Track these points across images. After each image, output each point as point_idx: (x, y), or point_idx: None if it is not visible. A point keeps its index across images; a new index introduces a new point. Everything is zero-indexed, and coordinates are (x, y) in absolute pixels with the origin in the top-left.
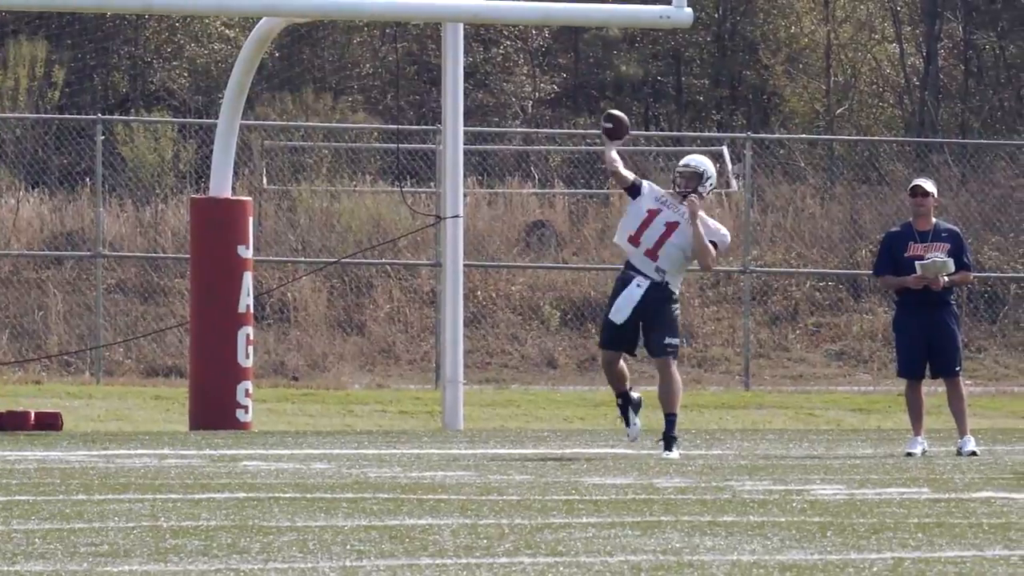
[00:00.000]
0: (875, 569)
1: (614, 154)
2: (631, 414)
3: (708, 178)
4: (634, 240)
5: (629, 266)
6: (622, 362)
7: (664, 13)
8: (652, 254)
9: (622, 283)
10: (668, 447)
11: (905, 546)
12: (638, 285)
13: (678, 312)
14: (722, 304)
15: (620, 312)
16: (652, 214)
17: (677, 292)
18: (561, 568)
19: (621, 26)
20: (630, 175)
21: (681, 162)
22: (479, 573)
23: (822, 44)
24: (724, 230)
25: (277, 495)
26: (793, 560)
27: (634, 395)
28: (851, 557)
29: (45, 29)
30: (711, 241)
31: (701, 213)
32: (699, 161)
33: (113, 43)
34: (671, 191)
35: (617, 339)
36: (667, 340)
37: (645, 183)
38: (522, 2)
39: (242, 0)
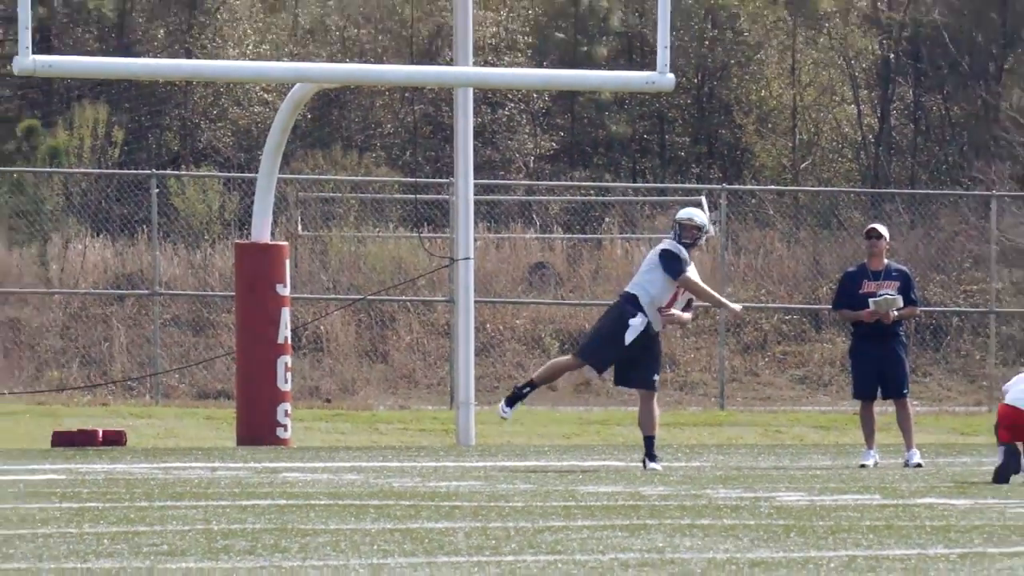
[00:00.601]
0: (832, 565)
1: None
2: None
3: (706, 230)
4: (663, 306)
5: (634, 303)
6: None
7: (650, 79)
8: (663, 310)
9: (621, 314)
10: (652, 460)
11: (858, 545)
12: (640, 321)
13: (662, 349)
14: (700, 335)
15: (629, 336)
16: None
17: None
18: (559, 565)
19: (612, 90)
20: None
21: (683, 214)
22: (488, 570)
23: (789, 106)
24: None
25: (313, 502)
26: (761, 557)
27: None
28: (811, 555)
29: (106, 94)
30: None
31: (692, 278)
32: (699, 216)
33: (165, 106)
34: (671, 237)
35: (610, 359)
36: (654, 376)
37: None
38: (525, 70)
39: (279, 68)
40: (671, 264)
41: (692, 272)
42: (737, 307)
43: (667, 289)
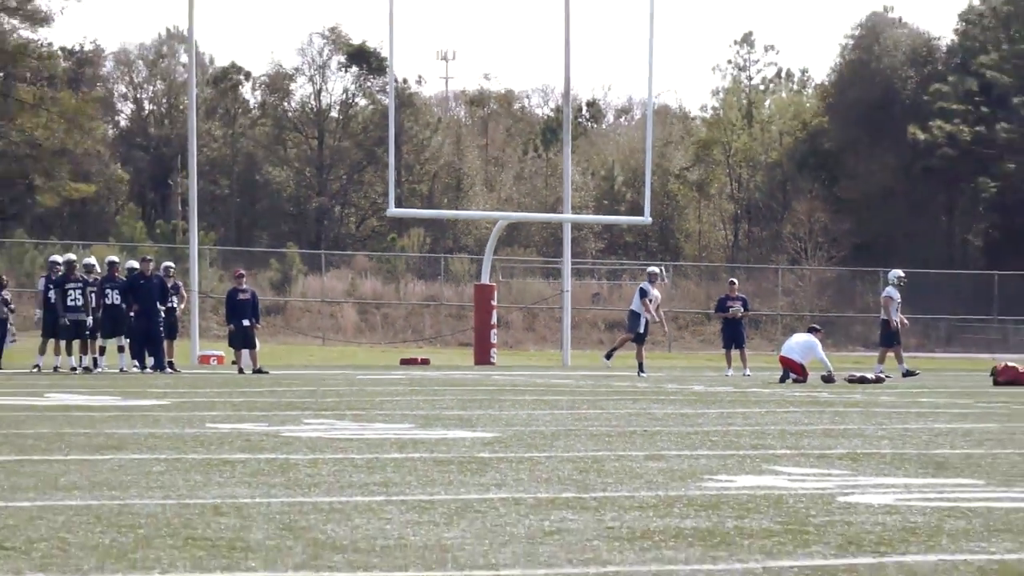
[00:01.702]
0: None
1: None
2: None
3: (660, 277)
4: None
5: (636, 309)
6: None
7: (636, 220)
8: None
9: (635, 315)
10: (642, 372)
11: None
12: (643, 318)
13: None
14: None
15: (641, 324)
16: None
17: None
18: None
19: (609, 223)
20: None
21: (650, 269)
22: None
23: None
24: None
25: (512, 387)
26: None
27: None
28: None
29: None
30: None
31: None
32: (656, 270)
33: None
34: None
35: (637, 332)
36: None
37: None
38: (546, 214)
39: (490, 213)
40: (642, 292)
41: (654, 297)
42: (654, 318)
43: (642, 305)
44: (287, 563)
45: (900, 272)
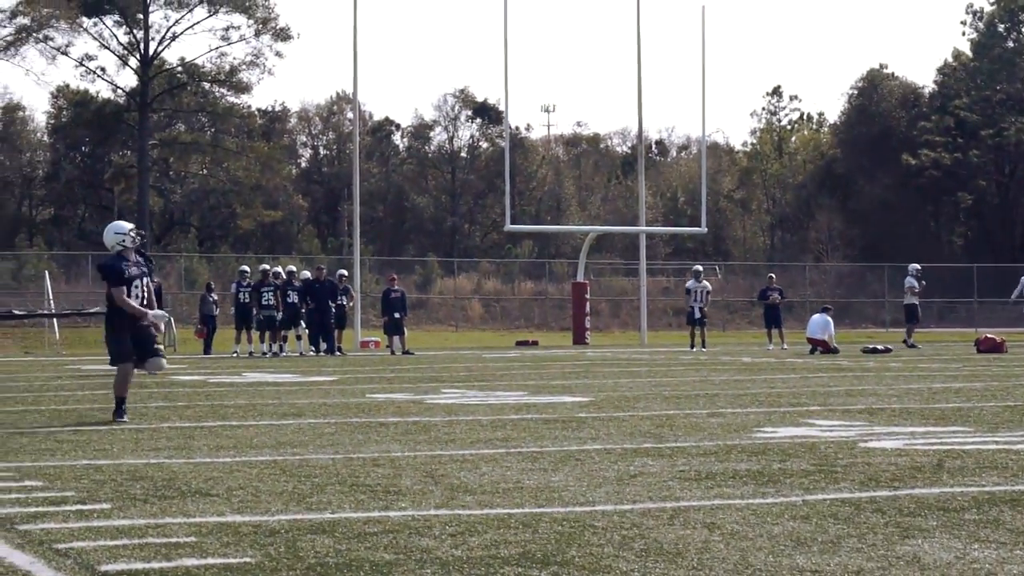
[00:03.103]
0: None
1: None
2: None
3: (701, 272)
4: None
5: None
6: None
7: (695, 230)
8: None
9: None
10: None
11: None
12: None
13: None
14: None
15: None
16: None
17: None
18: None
19: (674, 233)
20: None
21: (693, 268)
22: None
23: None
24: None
25: (604, 360)
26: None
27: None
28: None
29: None
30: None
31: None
32: (698, 267)
33: None
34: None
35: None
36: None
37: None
38: (625, 227)
39: (583, 227)
40: (686, 290)
41: (695, 288)
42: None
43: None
44: (430, 503)
45: (917, 265)
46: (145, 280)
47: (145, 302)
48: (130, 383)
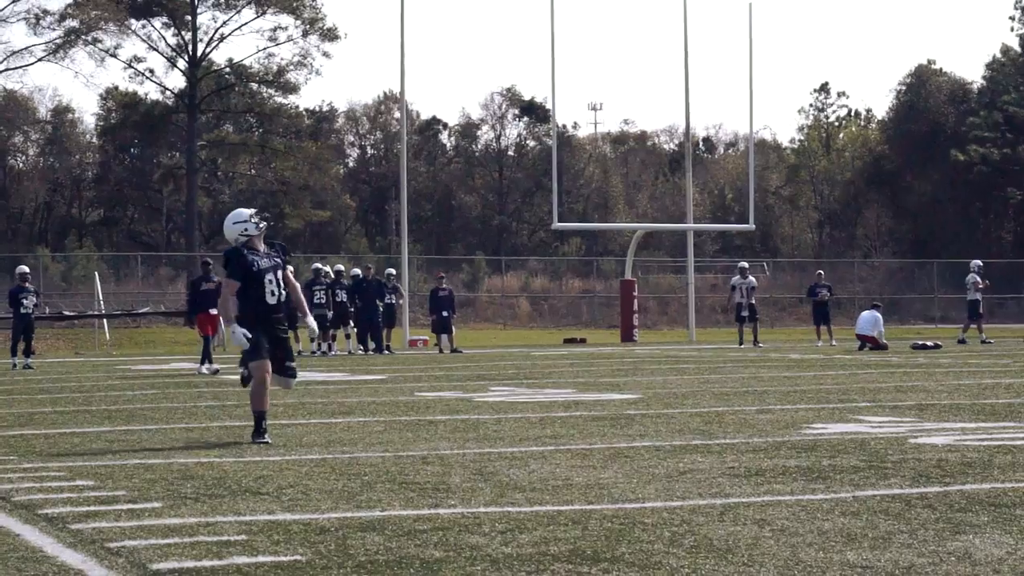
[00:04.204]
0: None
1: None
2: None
3: (746, 269)
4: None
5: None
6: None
7: (743, 227)
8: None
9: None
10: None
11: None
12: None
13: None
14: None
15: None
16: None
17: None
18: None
19: (721, 230)
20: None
21: (740, 264)
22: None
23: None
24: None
25: (645, 359)
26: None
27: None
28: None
29: None
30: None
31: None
32: (742, 263)
33: None
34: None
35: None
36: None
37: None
38: (673, 224)
39: (630, 224)
40: (732, 287)
41: (739, 284)
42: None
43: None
44: (479, 500)
45: (979, 262)
46: (280, 274)
47: (282, 299)
48: (268, 390)
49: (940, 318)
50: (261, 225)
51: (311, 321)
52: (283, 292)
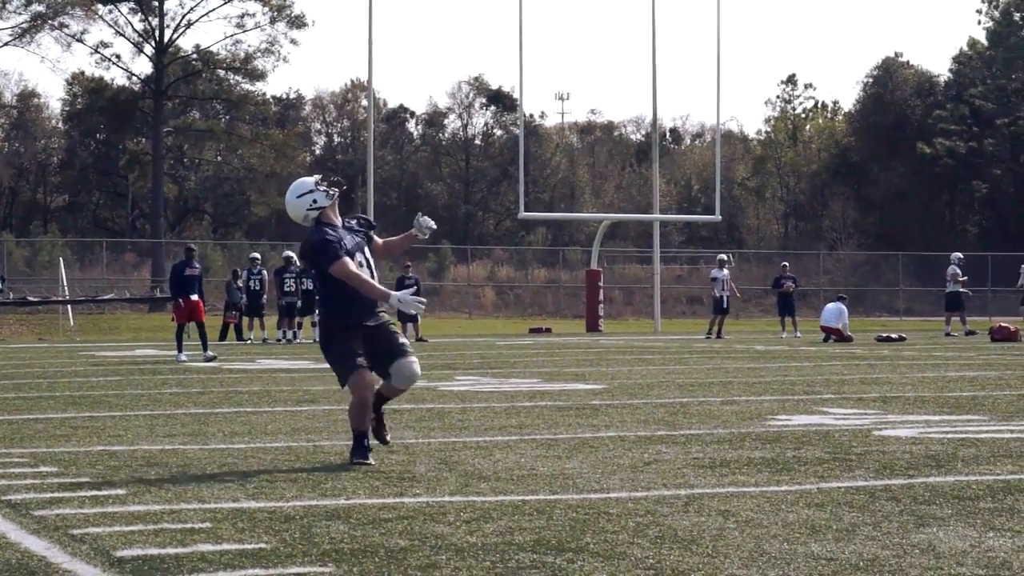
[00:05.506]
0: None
1: None
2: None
3: (727, 260)
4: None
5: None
6: None
7: (709, 218)
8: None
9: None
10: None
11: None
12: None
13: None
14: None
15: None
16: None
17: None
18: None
19: (688, 221)
20: None
21: (719, 257)
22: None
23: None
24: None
25: (619, 347)
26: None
27: None
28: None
29: None
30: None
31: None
32: (722, 256)
33: None
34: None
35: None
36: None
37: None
38: (639, 215)
39: (596, 215)
40: (712, 278)
41: (720, 277)
42: (720, 292)
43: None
44: (444, 489)
45: (959, 254)
46: (367, 253)
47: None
48: (371, 404)
49: (905, 310)
50: (331, 192)
51: (404, 298)
52: (375, 274)
